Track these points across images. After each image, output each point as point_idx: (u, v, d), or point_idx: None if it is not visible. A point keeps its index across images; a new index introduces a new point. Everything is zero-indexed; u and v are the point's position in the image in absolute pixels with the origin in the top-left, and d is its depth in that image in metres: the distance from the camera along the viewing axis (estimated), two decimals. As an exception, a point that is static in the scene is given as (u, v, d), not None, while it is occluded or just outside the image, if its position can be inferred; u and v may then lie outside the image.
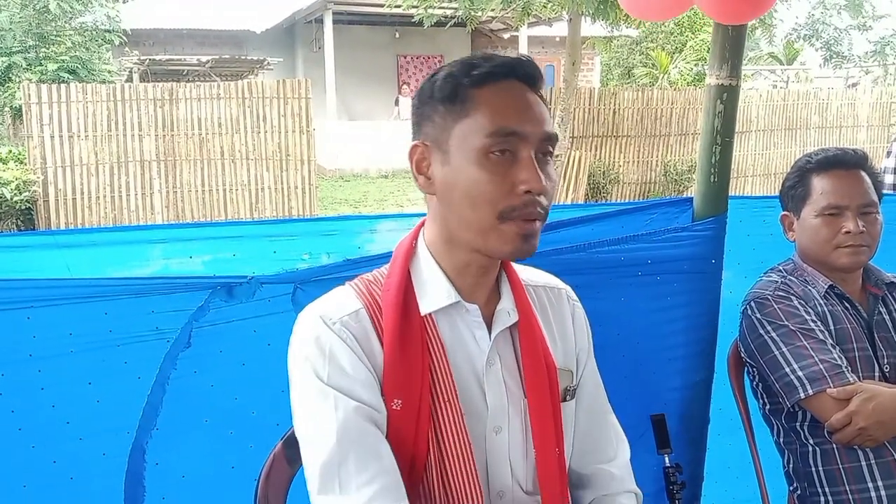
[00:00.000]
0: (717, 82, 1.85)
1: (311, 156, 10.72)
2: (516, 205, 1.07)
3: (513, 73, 1.10)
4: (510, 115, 1.08)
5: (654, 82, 15.86)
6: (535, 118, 1.09)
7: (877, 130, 14.36)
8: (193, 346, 1.50)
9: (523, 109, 1.09)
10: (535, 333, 1.19)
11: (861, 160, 1.77)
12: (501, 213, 1.07)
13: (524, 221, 1.07)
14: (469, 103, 1.08)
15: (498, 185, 1.06)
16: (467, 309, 1.15)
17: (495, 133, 1.06)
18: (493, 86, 1.09)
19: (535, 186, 1.06)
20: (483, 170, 1.07)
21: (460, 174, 1.08)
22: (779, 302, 1.74)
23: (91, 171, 9.74)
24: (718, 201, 1.89)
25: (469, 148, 1.08)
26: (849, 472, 1.68)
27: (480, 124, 1.07)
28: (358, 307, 1.13)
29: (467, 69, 1.10)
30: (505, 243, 1.08)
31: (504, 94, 1.09)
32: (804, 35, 22.11)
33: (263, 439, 1.38)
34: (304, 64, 17.35)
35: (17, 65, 12.76)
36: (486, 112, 1.08)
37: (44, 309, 1.41)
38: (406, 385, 1.09)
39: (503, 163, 1.07)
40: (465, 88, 1.09)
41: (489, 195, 1.06)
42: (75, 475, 1.50)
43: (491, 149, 1.06)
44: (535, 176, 1.06)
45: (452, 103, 1.09)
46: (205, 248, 1.67)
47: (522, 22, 11.72)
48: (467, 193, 1.08)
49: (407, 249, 1.18)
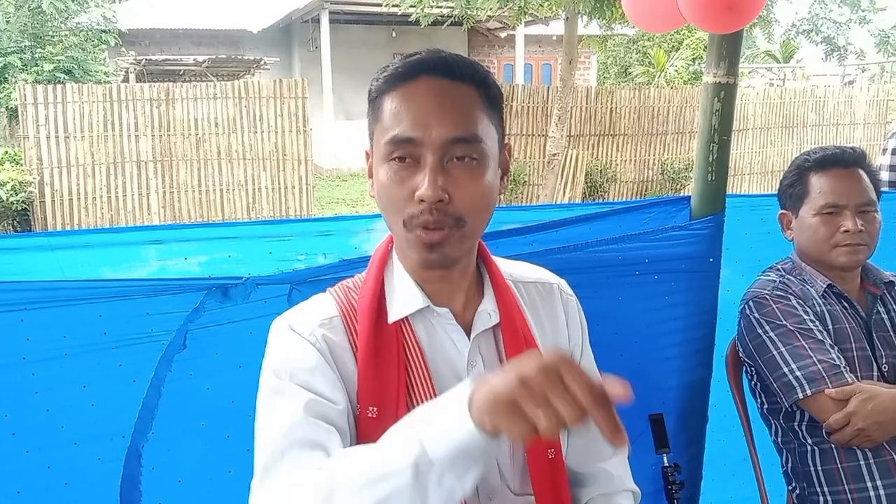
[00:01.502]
0: (714, 80, 1.84)
1: (308, 155, 10.71)
2: (415, 213, 1.04)
3: (422, 69, 1.05)
4: (407, 121, 1.03)
5: (650, 80, 15.86)
6: (440, 121, 1.03)
7: (873, 128, 14.37)
8: (189, 348, 1.49)
9: (427, 112, 1.03)
10: (519, 333, 1.17)
11: (859, 159, 1.77)
12: (404, 222, 1.06)
13: (425, 231, 1.04)
14: (379, 109, 1.08)
15: (399, 192, 1.04)
16: (438, 313, 1.14)
17: (391, 140, 1.04)
18: (403, 87, 1.05)
19: (425, 195, 1.01)
20: (387, 177, 1.06)
21: (376, 180, 1.09)
22: (777, 301, 1.73)
23: (87, 171, 9.73)
24: (716, 200, 1.88)
25: (378, 155, 1.07)
26: (847, 471, 1.67)
27: (383, 129, 1.06)
28: (333, 314, 1.13)
29: (382, 71, 1.08)
30: (413, 251, 1.07)
31: (410, 96, 1.04)
32: (804, 30, 22.11)
33: (260, 442, 1.36)
34: (300, 63, 17.33)
35: (12, 65, 12.72)
36: (386, 117, 1.06)
37: (37, 311, 1.40)
38: (380, 392, 1.08)
39: (405, 169, 1.04)
40: (379, 94, 1.08)
41: (392, 203, 1.06)
42: (70, 481, 1.48)
43: (391, 155, 1.05)
44: (428, 183, 1.01)
45: (371, 108, 1.10)
46: (200, 248, 1.66)
47: (519, 21, 11.69)
48: (380, 200, 1.08)
49: (382, 255, 1.17)
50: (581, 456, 1.27)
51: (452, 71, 1.06)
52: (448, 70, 1.05)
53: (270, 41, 17.28)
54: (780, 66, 21.63)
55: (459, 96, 1.05)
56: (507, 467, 1.16)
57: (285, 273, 1.54)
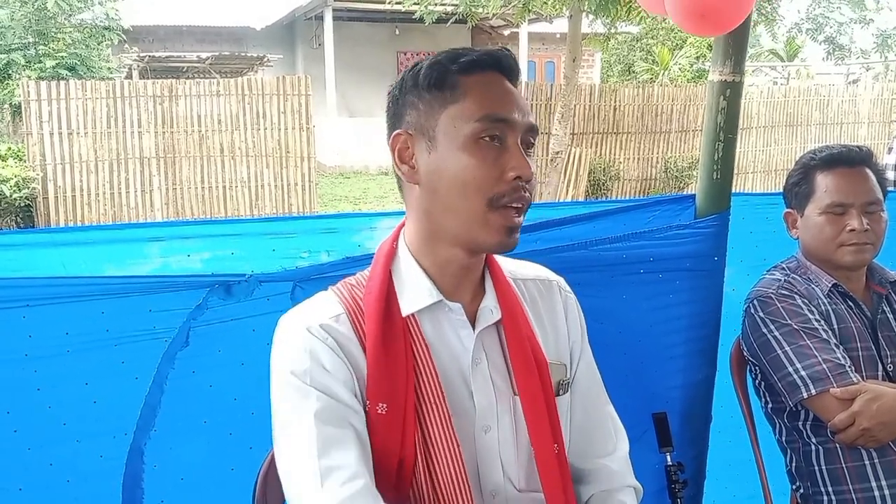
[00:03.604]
0: (720, 78, 1.83)
1: (311, 153, 10.71)
2: (505, 191, 1.07)
3: (497, 64, 1.11)
4: (498, 103, 1.08)
5: (654, 78, 15.83)
6: (520, 108, 1.10)
7: (878, 127, 14.34)
8: (192, 345, 1.49)
9: (509, 99, 1.09)
10: (521, 329, 1.17)
11: (866, 157, 1.76)
12: (491, 201, 1.06)
13: (511, 213, 1.07)
14: (458, 89, 1.08)
15: (488, 171, 1.06)
16: (450, 308, 1.14)
17: (485, 118, 1.07)
18: (480, 74, 1.09)
19: (524, 173, 1.07)
20: (473, 156, 1.06)
21: (448, 160, 1.07)
22: (782, 300, 1.72)
23: (90, 168, 9.73)
24: (721, 198, 1.87)
25: (458, 134, 1.07)
26: (852, 471, 1.66)
27: (470, 110, 1.07)
28: (339, 312, 1.13)
29: (454, 57, 1.10)
30: (490, 235, 1.08)
31: (490, 82, 1.10)
32: (806, 29, 22.06)
33: (263, 441, 1.34)
34: (304, 61, 17.32)
35: (16, 62, 12.73)
36: (475, 97, 1.08)
37: (40, 308, 1.40)
38: (390, 389, 1.08)
39: (493, 149, 1.07)
40: (453, 75, 1.09)
41: (479, 181, 1.06)
42: (72, 478, 1.48)
43: (481, 134, 1.06)
44: (525, 163, 1.07)
45: (440, 90, 1.09)
46: (203, 245, 1.65)
47: (523, 18, 11.69)
48: (456, 180, 1.07)
49: (388, 251, 1.17)
50: (582, 451, 1.27)
51: (514, 74, 1.13)
52: (511, 73, 1.13)
53: (274, 38, 17.28)
54: (784, 65, 21.57)
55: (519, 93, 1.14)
56: (512, 464, 1.16)
57: (288, 270, 1.53)
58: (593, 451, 1.28)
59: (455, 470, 1.09)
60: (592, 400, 1.30)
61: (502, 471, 1.15)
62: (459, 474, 1.09)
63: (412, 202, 1.15)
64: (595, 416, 1.29)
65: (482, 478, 1.14)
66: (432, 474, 1.09)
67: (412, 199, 1.14)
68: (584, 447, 1.27)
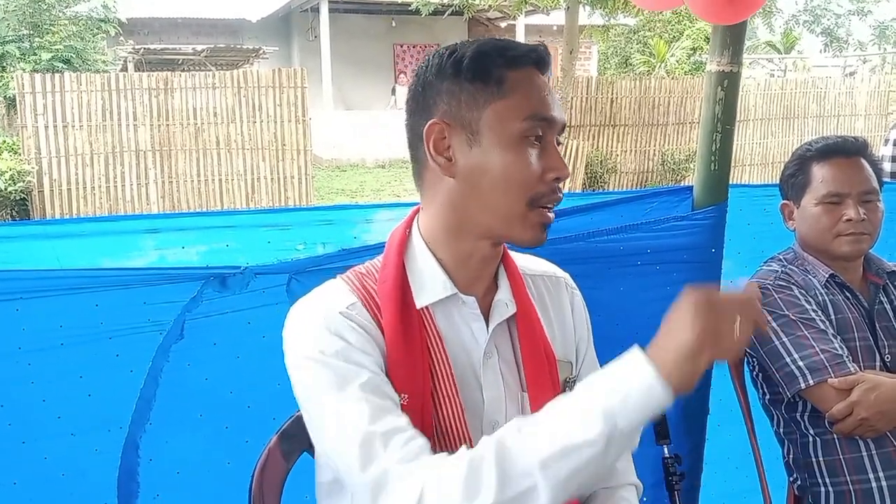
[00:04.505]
0: (717, 69, 1.82)
1: (308, 145, 10.69)
2: (545, 191, 1.07)
3: (539, 60, 1.09)
4: (542, 101, 1.07)
5: (651, 70, 15.82)
6: (558, 106, 1.10)
7: (875, 119, 14.35)
8: (186, 338, 1.48)
9: (551, 98, 1.09)
10: (534, 325, 1.17)
11: (861, 148, 1.75)
12: (531, 200, 1.06)
13: (548, 210, 1.08)
14: (505, 84, 1.06)
15: (532, 170, 1.06)
16: (464, 301, 1.13)
17: (533, 117, 1.06)
18: (524, 70, 1.08)
19: (564, 174, 1.07)
20: (519, 155, 1.05)
21: (493, 157, 1.05)
22: (779, 291, 1.72)
23: (86, 161, 9.71)
24: (719, 190, 1.86)
25: (505, 131, 1.05)
26: (849, 462, 1.66)
27: (518, 107, 1.06)
28: (353, 301, 1.09)
29: (500, 49, 1.08)
30: (526, 231, 1.08)
31: (533, 79, 1.08)
32: (804, 21, 22.06)
33: (259, 434, 1.35)
34: (300, 53, 17.28)
35: (10, 54, 12.66)
36: (523, 95, 1.06)
37: (33, 301, 1.39)
38: (410, 379, 1.07)
39: (535, 148, 1.07)
40: (500, 69, 1.06)
41: (523, 181, 1.06)
42: (67, 471, 1.48)
43: (527, 133, 1.05)
44: (563, 163, 1.08)
45: (485, 83, 1.06)
46: (199, 238, 1.64)
47: (520, 10, 11.67)
48: (502, 177, 1.05)
49: (401, 240, 1.14)
50: None
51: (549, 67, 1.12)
52: (547, 67, 1.11)
53: (269, 31, 17.23)
54: (781, 57, 21.57)
55: None
56: None
57: (284, 263, 1.52)
58: None
59: None
60: None
61: None
62: None
63: (439, 194, 1.10)
64: None
65: None
66: None
67: (440, 191, 1.10)
68: None
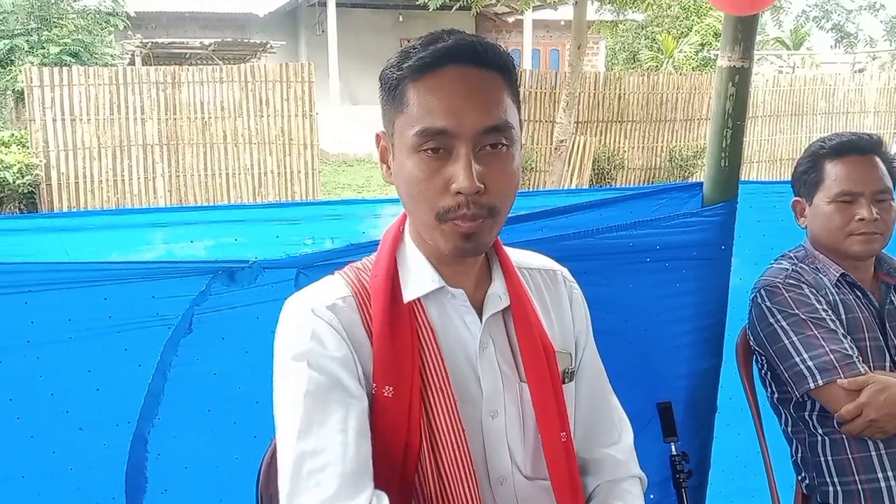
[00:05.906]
0: (728, 64, 1.81)
1: (314, 140, 10.70)
2: (450, 206, 1.02)
3: (451, 58, 1.02)
4: (439, 112, 1.01)
5: (659, 66, 15.76)
6: (472, 111, 1.01)
7: (884, 116, 14.27)
8: (195, 332, 1.48)
9: (459, 103, 1.01)
10: (530, 317, 1.17)
11: (876, 145, 1.74)
12: (438, 214, 1.03)
13: (463, 221, 1.02)
14: (403, 98, 1.04)
15: (431, 184, 1.02)
16: (453, 294, 1.13)
17: (423, 132, 1.01)
18: (431, 77, 1.02)
19: (464, 187, 1.00)
20: (416, 168, 1.03)
21: (401, 169, 1.06)
22: (789, 290, 1.71)
23: (93, 154, 9.74)
24: (729, 186, 1.85)
25: (405, 144, 1.04)
26: (858, 462, 1.65)
27: (411, 120, 1.03)
28: (346, 294, 1.12)
29: (403, 59, 1.04)
30: (446, 241, 1.05)
31: (439, 86, 1.02)
32: (813, 17, 21.93)
33: (267, 429, 1.34)
34: (307, 47, 17.26)
35: (19, 48, 12.68)
36: (416, 108, 1.02)
37: (42, 294, 1.39)
38: (396, 371, 1.08)
39: (437, 160, 1.02)
40: (401, 81, 1.04)
41: (424, 194, 1.03)
42: (75, 466, 1.48)
43: (421, 147, 1.02)
44: (466, 175, 1.00)
45: (392, 96, 1.06)
46: (206, 232, 1.65)
47: (527, 5, 11.64)
48: (407, 190, 1.05)
49: (394, 236, 1.16)
50: (587, 441, 1.27)
51: (480, 58, 1.03)
52: (476, 57, 1.03)
53: (277, 25, 17.22)
54: (789, 54, 21.46)
55: (488, 84, 1.04)
56: (519, 450, 1.15)
57: (292, 257, 1.53)
58: (598, 441, 1.27)
59: (460, 455, 1.09)
60: (597, 390, 1.29)
61: (510, 456, 1.14)
62: (465, 460, 1.09)
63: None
64: (599, 406, 1.29)
65: (490, 464, 1.13)
66: (437, 460, 1.09)
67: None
68: (589, 437, 1.27)
